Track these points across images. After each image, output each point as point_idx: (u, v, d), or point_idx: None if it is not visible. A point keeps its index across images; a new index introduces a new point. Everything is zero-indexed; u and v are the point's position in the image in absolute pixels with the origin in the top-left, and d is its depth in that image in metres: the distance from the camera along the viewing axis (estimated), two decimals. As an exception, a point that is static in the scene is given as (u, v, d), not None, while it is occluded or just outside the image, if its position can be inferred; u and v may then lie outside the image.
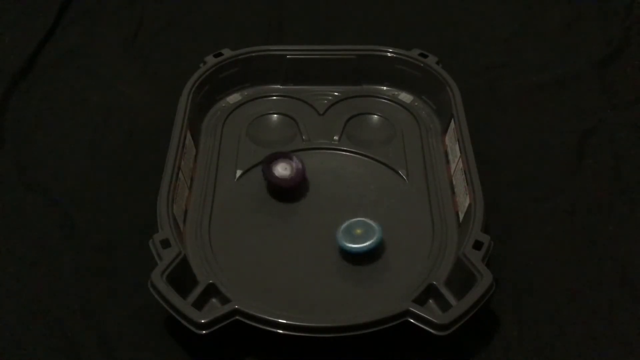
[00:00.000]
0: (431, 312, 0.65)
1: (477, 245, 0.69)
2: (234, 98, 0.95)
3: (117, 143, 0.91)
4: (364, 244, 0.73)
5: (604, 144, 0.91)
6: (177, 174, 0.77)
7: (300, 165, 0.81)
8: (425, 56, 0.93)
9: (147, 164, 0.86)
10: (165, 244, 0.69)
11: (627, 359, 0.68)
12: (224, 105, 0.94)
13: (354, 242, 0.73)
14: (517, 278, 0.74)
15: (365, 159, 0.86)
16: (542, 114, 0.96)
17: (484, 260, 0.68)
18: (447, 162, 0.85)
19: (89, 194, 0.84)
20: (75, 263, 0.76)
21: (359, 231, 0.74)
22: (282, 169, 0.81)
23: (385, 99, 0.95)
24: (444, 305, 0.66)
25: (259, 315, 0.64)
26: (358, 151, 0.87)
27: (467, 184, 0.76)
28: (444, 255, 0.73)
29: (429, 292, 0.68)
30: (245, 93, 0.96)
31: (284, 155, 0.82)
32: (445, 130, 0.88)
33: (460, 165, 0.79)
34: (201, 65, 0.92)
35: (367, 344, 0.67)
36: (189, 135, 0.83)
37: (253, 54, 0.95)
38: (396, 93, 0.96)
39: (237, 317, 0.64)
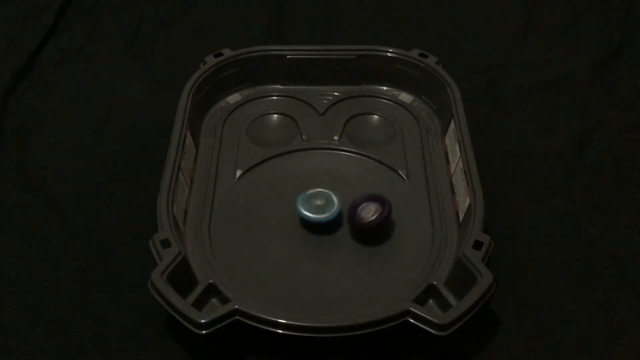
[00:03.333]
0: (431, 312, 0.65)
1: (477, 245, 0.69)
2: (234, 98, 0.95)
3: (117, 143, 0.91)
4: (324, 215, 0.76)
5: (604, 144, 0.91)
6: (177, 174, 0.77)
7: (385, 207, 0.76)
8: (425, 56, 0.93)
9: (147, 164, 0.86)
10: (165, 244, 0.69)
11: (627, 359, 0.68)
12: (224, 105, 0.94)
13: (313, 212, 0.76)
14: (517, 278, 0.74)
15: (365, 159, 0.86)
16: (542, 114, 0.96)
17: (484, 260, 0.68)
18: (447, 162, 0.85)
19: (89, 194, 0.84)
20: (75, 263, 0.76)
21: (319, 202, 0.76)
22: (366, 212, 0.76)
23: (385, 99, 0.95)
24: (444, 305, 0.66)
25: (259, 315, 0.64)
26: (358, 151, 0.87)
27: (467, 184, 0.76)
28: (444, 255, 0.73)
29: (429, 292, 0.68)
30: (245, 93, 0.96)
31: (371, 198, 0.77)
32: (445, 130, 0.88)
33: (460, 165, 0.79)
34: (201, 65, 0.92)
35: (367, 344, 0.67)
36: (189, 135, 0.83)
37: (253, 54, 0.95)
38: (396, 93, 0.96)
39: (237, 317, 0.64)
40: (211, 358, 0.68)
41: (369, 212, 0.76)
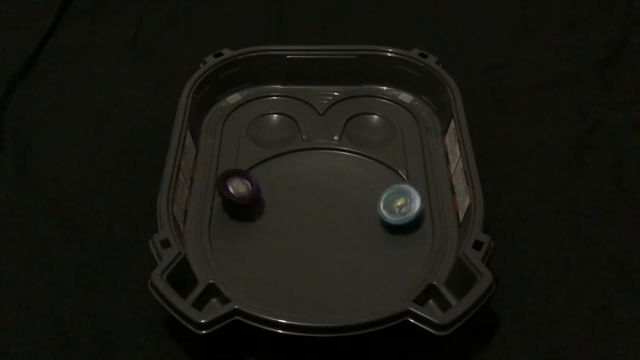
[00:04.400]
0: (431, 312, 0.65)
1: (477, 245, 0.69)
2: (234, 98, 0.95)
3: (117, 143, 0.91)
4: (405, 216, 0.76)
5: (604, 144, 0.91)
6: (177, 174, 0.77)
7: (255, 182, 0.79)
8: (425, 56, 0.93)
9: (147, 164, 0.86)
10: (165, 244, 0.69)
11: (627, 359, 0.68)
12: (224, 105, 0.94)
13: (395, 215, 0.76)
14: (517, 278, 0.74)
15: (365, 159, 0.86)
16: (542, 114, 0.96)
17: (484, 260, 0.68)
18: (447, 162, 0.85)
19: (89, 194, 0.84)
20: (75, 263, 0.76)
21: (399, 202, 0.77)
22: (238, 187, 0.78)
23: (385, 99, 0.95)
24: (444, 305, 0.66)
25: (259, 315, 0.64)
26: (358, 151, 0.87)
27: (467, 184, 0.76)
28: (444, 255, 0.73)
29: (429, 292, 0.68)
30: (245, 93, 0.96)
31: (239, 174, 0.80)
32: (445, 130, 0.88)
33: (460, 165, 0.79)
34: (201, 65, 0.92)
35: (367, 344, 0.67)
36: (189, 135, 0.83)
37: (253, 54, 0.95)
38: (396, 93, 0.96)
39: (237, 317, 0.64)
40: (211, 358, 0.68)
41: (240, 189, 0.77)
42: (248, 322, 0.64)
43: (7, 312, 0.71)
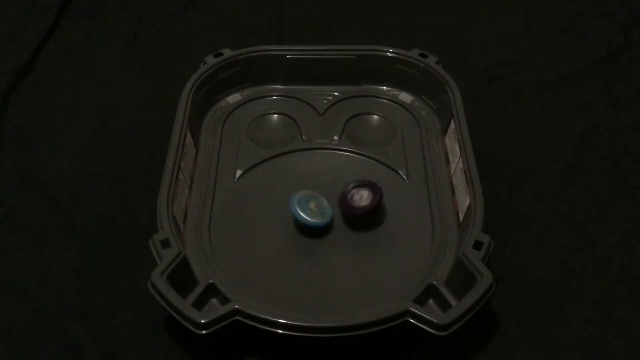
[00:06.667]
0: (431, 312, 0.65)
1: (477, 245, 0.69)
2: (234, 98, 0.95)
3: (117, 143, 0.91)
4: (317, 220, 0.76)
5: (604, 144, 0.91)
6: (177, 174, 0.77)
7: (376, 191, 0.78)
8: (425, 56, 0.93)
9: (147, 164, 0.86)
10: (165, 244, 0.69)
11: (627, 359, 0.68)
12: (224, 105, 0.94)
13: (309, 216, 0.76)
14: (517, 278, 0.74)
15: (365, 159, 0.86)
16: (542, 114, 0.96)
17: (484, 260, 0.68)
18: (447, 162, 0.85)
19: (89, 194, 0.84)
20: (75, 263, 0.76)
21: (312, 205, 0.76)
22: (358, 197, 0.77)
23: (385, 99, 0.95)
24: (444, 305, 0.66)
25: (259, 315, 0.64)
26: (358, 151, 0.87)
27: (467, 184, 0.76)
28: (444, 255, 0.73)
29: (429, 292, 0.68)
30: (245, 93, 0.96)
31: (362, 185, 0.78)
32: (445, 130, 0.88)
33: (460, 165, 0.79)
34: (201, 65, 0.92)
35: (367, 344, 0.67)
36: (189, 135, 0.84)
37: (253, 54, 0.95)
38: (396, 93, 0.96)
39: (237, 317, 0.64)
40: (211, 358, 0.68)
41: (361, 198, 0.77)
42: (248, 322, 0.64)
43: (7, 312, 0.71)
